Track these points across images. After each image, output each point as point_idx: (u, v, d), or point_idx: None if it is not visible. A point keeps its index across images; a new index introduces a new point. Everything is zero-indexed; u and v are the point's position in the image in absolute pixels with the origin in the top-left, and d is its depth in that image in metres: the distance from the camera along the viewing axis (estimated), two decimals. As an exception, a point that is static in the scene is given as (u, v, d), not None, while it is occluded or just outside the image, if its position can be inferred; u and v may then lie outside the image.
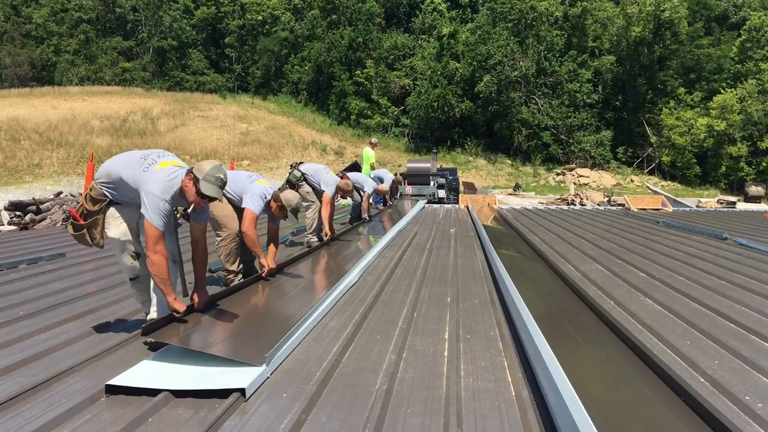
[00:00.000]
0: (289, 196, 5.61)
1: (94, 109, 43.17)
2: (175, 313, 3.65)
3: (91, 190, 3.87)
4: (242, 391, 2.70)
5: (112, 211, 3.87)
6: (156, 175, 3.64)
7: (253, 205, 5.37)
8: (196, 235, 4.01)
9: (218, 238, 5.49)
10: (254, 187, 5.49)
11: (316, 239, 8.06)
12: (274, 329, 3.56)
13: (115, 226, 3.86)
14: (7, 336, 3.74)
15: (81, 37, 56.61)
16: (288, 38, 54.49)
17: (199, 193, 3.62)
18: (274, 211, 5.53)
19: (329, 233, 7.92)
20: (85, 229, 3.82)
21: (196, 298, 4.03)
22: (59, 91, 49.71)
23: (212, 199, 3.71)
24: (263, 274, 5.34)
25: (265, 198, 5.45)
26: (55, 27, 57.36)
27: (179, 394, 2.74)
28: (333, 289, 4.93)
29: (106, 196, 3.85)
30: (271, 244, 5.75)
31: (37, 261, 6.56)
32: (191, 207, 3.82)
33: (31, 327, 3.94)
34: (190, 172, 3.70)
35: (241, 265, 5.51)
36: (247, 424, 2.44)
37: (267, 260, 5.44)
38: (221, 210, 5.47)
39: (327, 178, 8.09)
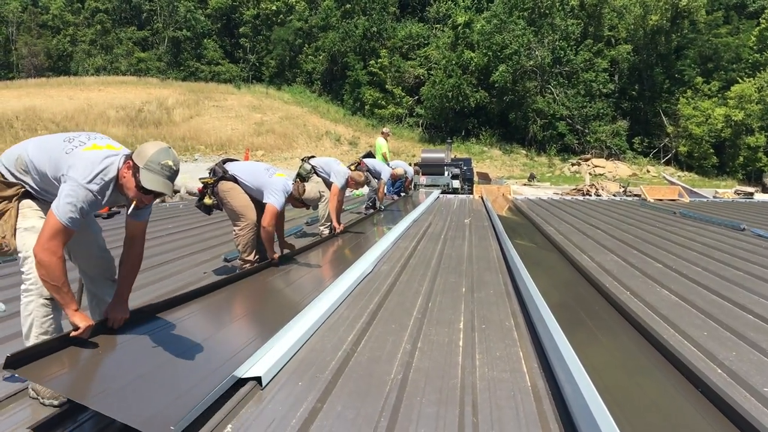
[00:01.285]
0: (310, 193, 5.68)
1: (110, 99, 43.46)
2: (76, 329, 2.75)
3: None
4: (258, 379, 2.72)
5: (28, 202, 2.97)
6: (82, 157, 2.83)
7: (275, 200, 5.40)
8: (134, 233, 3.17)
9: (236, 228, 5.50)
10: (275, 181, 5.50)
11: (328, 230, 8.06)
12: (280, 319, 3.56)
13: (34, 218, 2.94)
14: None
15: (97, 27, 56.90)
16: (302, 28, 54.49)
17: (139, 185, 2.82)
18: (295, 202, 5.60)
19: (336, 226, 7.91)
20: None
21: (111, 315, 3.07)
22: (75, 81, 50.10)
23: (157, 195, 2.92)
24: (273, 259, 5.41)
25: (287, 192, 5.49)
26: (71, 17, 57.72)
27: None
28: (347, 278, 4.94)
29: (21, 184, 2.96)
30: (279, 230, 5.87)
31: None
32: (132, 206, 2.92)
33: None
34: (129, 158, 2.89)
35: (257, 255, 5.53)
36: (263, 412, 2.45)
37: (285, 243, 5.64)
38: (240, 200, 5.49)
39: (337, 168, 8.08)
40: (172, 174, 2.88)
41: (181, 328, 3.41)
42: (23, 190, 2.96)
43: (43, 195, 2.97)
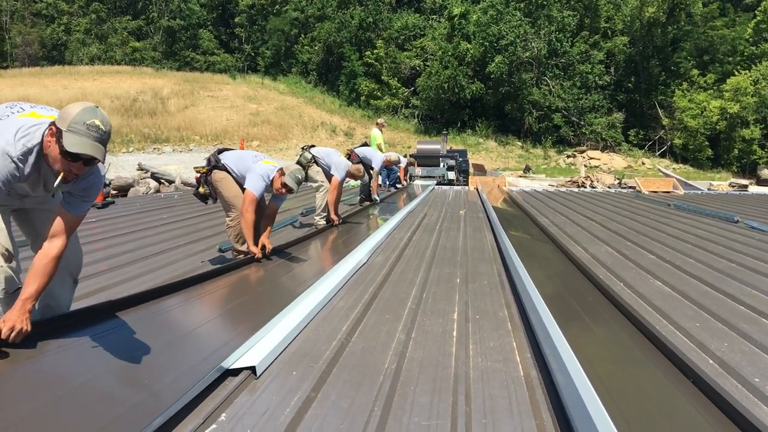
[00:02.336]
0: (291, 166, 5.60)
1: (105, 88, 43.24)
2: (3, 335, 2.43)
3: None
4: (253, 369, 2.73)
5: None
6: (10, 123, 2.55)
7: (253, 186, 5.30)
8: (60, 228, 2.67)
9: (227, 218, 5.51)
10: (257, 167, 5.43)
11: (325, 221, 8.07)
12: (274, 309, 3.57)
13: None
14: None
15: (92, 16, 56.47)
16: (298, 18, 54.25)
17: (63, 151, 2.42)
18: (279, 186, 5.43)
19: (334, 218, 7.92)
20: None
21: (9, 324, 2.50)
22: (70, 70, 49.78)
23: (87, 161, 2.50)
24: (256, 257, 5.31)
25: (268, 178, 5.38)
26: (66, 6, 57.26)
27: (190, 371, 2.76)
28: (342, 269, 4.95)
29: None
30: (267, 223, 5.67)
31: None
32: (58, 179, 2.51)
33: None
34: (53, 124, 2.48)
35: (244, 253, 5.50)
36: (257, 401, 2.46)
37: (262, 240, 5.43)
38: (231, 191, 5.49)
39: (338, 161, 8.08)
40: (102, 135, 2.48)
41: (173, 317, 3.43)
42: None
43: None
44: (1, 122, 2.54)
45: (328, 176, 8.10)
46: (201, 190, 5.58)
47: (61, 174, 2.47)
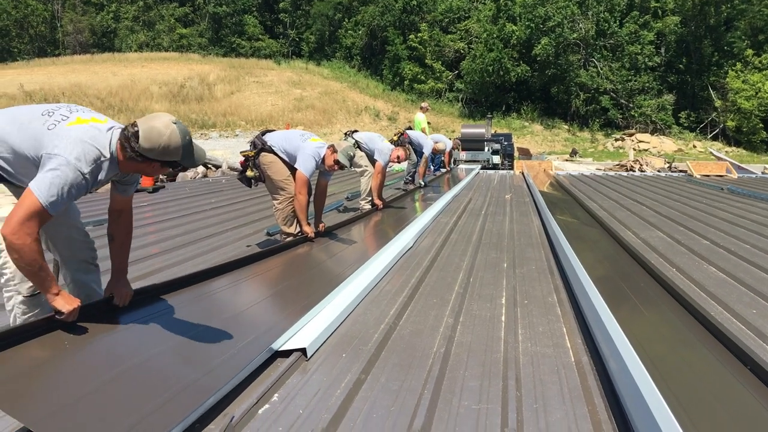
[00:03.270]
0: (341, 143, 5.64)
1: (153, 75, 44.03)
2: (57, 315, 2.52)
3: None
4: (303, 350, 2.76)
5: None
6: (70, 134, 2.52)
7: (305, 167, 5.38)
8: (121, 207, 2.95)
9: (275, 201, 5.55)
10: (307, 147, 5.48)
11: (370, 206, 8.09)
12: (323, 292, 3.60)
13: (9, 206, 2.59)
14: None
15: (139, 3, 57.53)
16: (342, 2, 54.17)
17: (172, 168, 2.72)
18: (327, 160, 5.50)
19: (378, 203, 7.95)
20: None
21: (116, 293, 2.94)
22: (119, 57, 50.89)
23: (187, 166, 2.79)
24: (308, 237, 5.40)
25: (319, 156, 5.46)
26: (115, -7, 58.43)
27: (242, 352, 2.81)
28: (388, 252, 4.96)
29: None
30: (320, 201, 5.86)
31: (102, 223, 6.77)
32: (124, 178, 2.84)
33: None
34: (131, 137, 2.57)
35: (299, 228, 5.56)
36: (309, 382, 2.49)
37: (316, 221, 5.63)
38: (280, 173, 5.53)
39: (381, 145, 8.07)
40: (189, 141, 2.67)
41: (223, 299, 3.48)
42: None
43: (16, 178, 2.63)
44: (53, 132, 2.53)
45: (372, 161, 8.10)
46: (249, 173, 5.61)
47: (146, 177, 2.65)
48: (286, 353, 2.76)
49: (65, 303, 2.51)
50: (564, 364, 2.78)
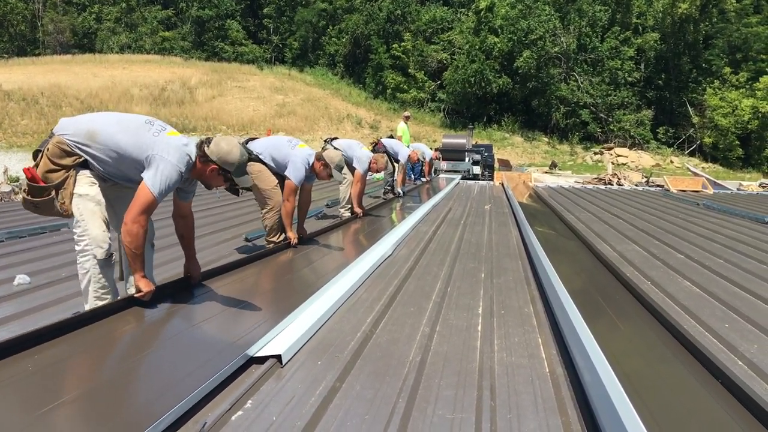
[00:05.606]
0: (332, 154, 5.70)
1: (134, 77, 43.69)
2: (137, 293, 3.19)
3: (58, 144, 3.21)
4: (279, 357, 2.75)
5: (83, 171, 3.25)
6: (171, 142, 3.25)
7: (294, 175, 5.45)
8: (184, 209, 3.65)
9: (263, 210, 5.56)
10: (296, 154, 5.53)
11: (349, 213, 8.08)
12: (300, 298, 3.59)
13: (87, 185, 3.23)
14: (51, 296, 3.85)
15: (122, 5, 57.12)
16: (326, 9, 54.27)
17: (229, 183, 3.49)
18: (319, 171, 5.61)
19: (358, 211, 7.95)
20: (52, 192, 3.16)
21: (193, 273, 3.76)
22: (100, 59, 50.41)
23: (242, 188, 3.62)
24: (291, 243, 5.42)
25: (308, 164, 5.52)
26: (97, -6, 57.97)
27: (217, 357, 2.79)
28: (366, 261, 4.95)
29: (79, 154, 3.23)
30: (304, 206, 5.96)
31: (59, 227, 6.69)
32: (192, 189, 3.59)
33: (75, 288, 4.03)
34: (208, 160, 3.33)
35: (284, 236, 5.55)
36: (283, 389, 2.48)
37: (298, 229, 5.69)
38: (267, 183, 5.55)
39: (360, 153, 8.06)
40: (245, 162, 3.49)
41: (199, 305, 3.45)
42: (81, 160, 3.22)
43: (107, 167, 3.26)
44: (157, 139, 3.21)
45: (351, 169, 8.10)
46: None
47: (215, 187, 3.55)
48: (261, 359, 2.74)
49: (147, 285, 3.19)
50: (539, 374, 2.79)
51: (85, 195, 3.19)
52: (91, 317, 2.94)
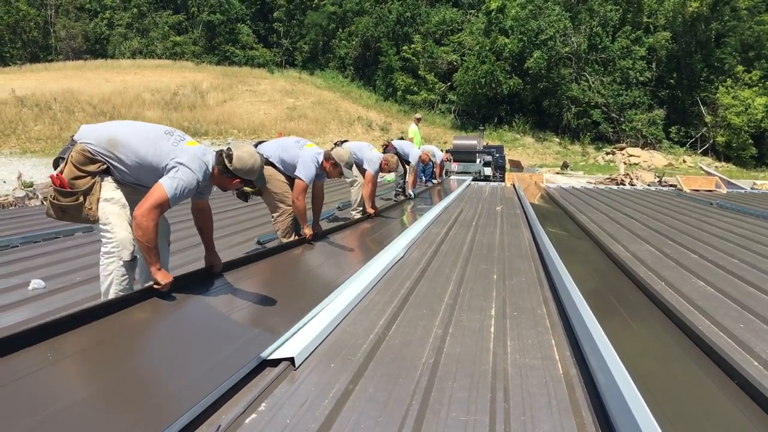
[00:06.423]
0: (341, 152, 5.70)
1: (146, 82, 43.96)
2: (156, 285, 3.26)
3: (82, 152, 3.34)
4: (292, 359, 2.75)
5: (107, 177, 3.43)
6: (190, 151, 3.39)
7: (305, 174, 5.46)
8: (202, 206, 3.84)
9: (275, 214, 5.59)
10: (305, 153, 5.55)
11: (361, 215, 8.09)
12: (312, 301, 3.59)
13: (112, 189, 3.40)
14: (66, 300, 3.88)
15: (133, 10, 57.54)
16: (336, 12, 54.38)
17: (242, 184, 3.59)
18: (329, 170, 5.63)
19: (370, 211, 7.94)
20: (81, 196, 3.31)
21: (212, 262, 3.97)
22: (112, 64, 50.80)
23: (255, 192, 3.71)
24: (308, 237, 5.45)
25: (318, 163, 5.53)
26: (109, 0, 58.37)
27: (230, 360, 2.80)
28: (378, 263, 4.95)
29: (102, 161, 3.38)
30: (318, 204, 5.98)
31: (93, 229, 6.74)
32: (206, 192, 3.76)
33: (89, 292, 4.06)
34: (225, 158, 3.48)
35: (297, 238, 5.59)
36: (296, 392, 2.48)
37: (314, 227, 5.68)
38: (278, 187, 5.59)
39: (370, 155, 8.06)
40: (262, 167, 3.66)
41: (212, 306, 3.46)
42: (104, 167, 3.37)
43: (125, 175, 3.41)
44: (176, 148, 3.35)
45: (362, 171, 8.11)
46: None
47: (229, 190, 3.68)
48: (275, 362, 2.75)
49: (164, 277, 3.27)
50: (552, 376, 2.78)
51: (111, 199, 3.36)
52: (108, 307, 3.01)
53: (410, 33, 48.48)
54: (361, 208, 8.11)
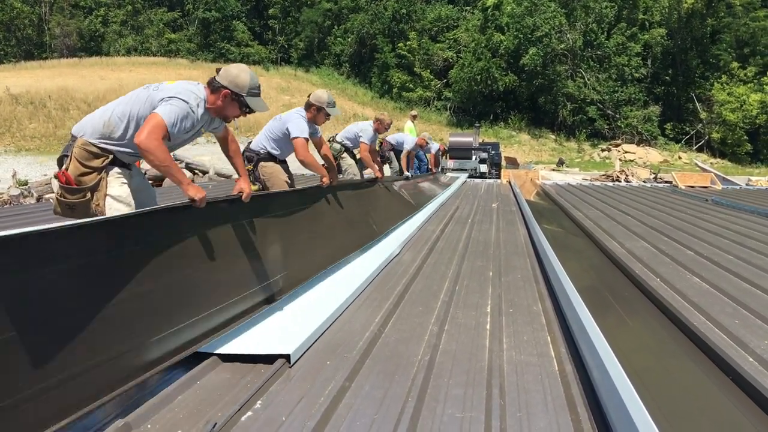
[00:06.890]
0: (317, 93, 5.64)
1: (141, 79, 43.72)
2: (192, 202, 3.08)
3: (84, 147, 3.32)
4: (287, 357, 2.75)
5: (113, 171, 3.41)
6: (170, 86, 3.40)
7: (297, 130, 5.37)
8: (224, 136, 3.87)
9: None
10: (287, 117, 5.53)
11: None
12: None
13: (118, 186, 3.40)
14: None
15: (128, 8, 57.34)
16: (331, 9, 54.33)
17: (244, 109, 3.59)
18: (316, 118, 5.54)
19: (379, 175, 7.67)
20: (88, 193, 3.27)
21: (242, 188, 3.63)
22: (107, 61, 50.59)
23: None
24: (324, 183, 5.35)
25: (302, 115, 5.47)
26: (103, -3, 58.22)
27: (226, 358, 2.80)
28: (374, 260, 4.95)
29: (108, 152, 3.37)
30: (327, 157, 5.81)
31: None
32: (221, 124, 3.74)
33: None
34: (221, 88, 3.47)
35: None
36: (292, 389, 2.48)
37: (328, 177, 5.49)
38: (281, 182, 5.56)
39: (361, 126, 7.97)
40: (256, 86, 3.60)
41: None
42: (108, 160, 3.35)
43: (130, 156, 3.43)
44: (159, 92, 3.32)
45: (356, 160, 8.07)
46: (253, 188, 5.61)
47: (232, 119, 3.70)
48: (270, 359, 2.75)
49: (197, 192, 3.09)
50: (548, 373, 2.78)
51: (117, 197, 3.36)
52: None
53: (406, 30, 48.48)
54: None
